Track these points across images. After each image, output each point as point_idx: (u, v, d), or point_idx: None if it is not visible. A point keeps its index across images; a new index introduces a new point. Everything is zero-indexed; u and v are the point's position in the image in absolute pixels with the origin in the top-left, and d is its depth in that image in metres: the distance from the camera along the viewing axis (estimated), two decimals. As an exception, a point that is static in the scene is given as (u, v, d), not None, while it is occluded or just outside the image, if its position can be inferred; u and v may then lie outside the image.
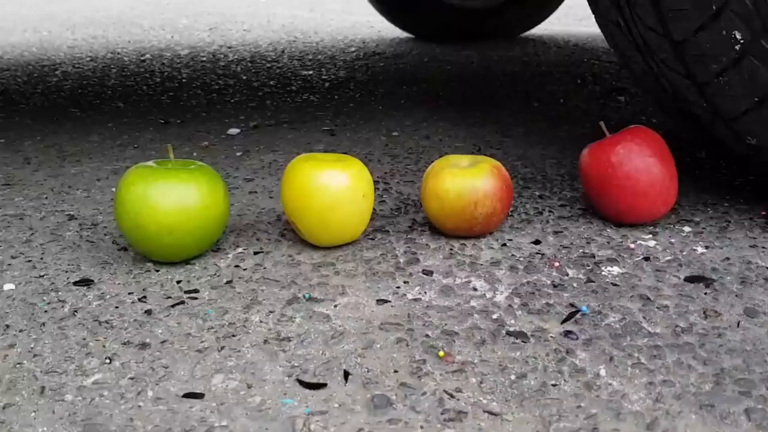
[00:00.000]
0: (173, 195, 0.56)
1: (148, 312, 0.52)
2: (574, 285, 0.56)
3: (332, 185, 0.59)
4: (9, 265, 0.60)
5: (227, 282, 0.57)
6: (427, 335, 0.49)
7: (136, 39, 1.99)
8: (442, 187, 0.62)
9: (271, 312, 0.52)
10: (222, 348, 0.48)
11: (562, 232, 0.66)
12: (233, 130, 1.04)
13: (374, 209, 0.72)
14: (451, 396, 0.43)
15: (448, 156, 0.65)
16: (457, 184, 0.61)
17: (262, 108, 1.18)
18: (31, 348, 0.48)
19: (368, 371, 0.45)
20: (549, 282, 0.57)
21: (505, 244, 0.64)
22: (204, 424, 0.40)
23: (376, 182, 0.80)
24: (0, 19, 2.42)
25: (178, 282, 0.57)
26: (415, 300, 0.54)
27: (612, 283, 0.56)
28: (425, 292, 0.55)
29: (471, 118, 1.10)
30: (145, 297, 0.55)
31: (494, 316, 0.51)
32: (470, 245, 0.63)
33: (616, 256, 0.61)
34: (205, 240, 0.59)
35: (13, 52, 1.75)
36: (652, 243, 0.63)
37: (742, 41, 0.56)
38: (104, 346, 0.48)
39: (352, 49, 1.79)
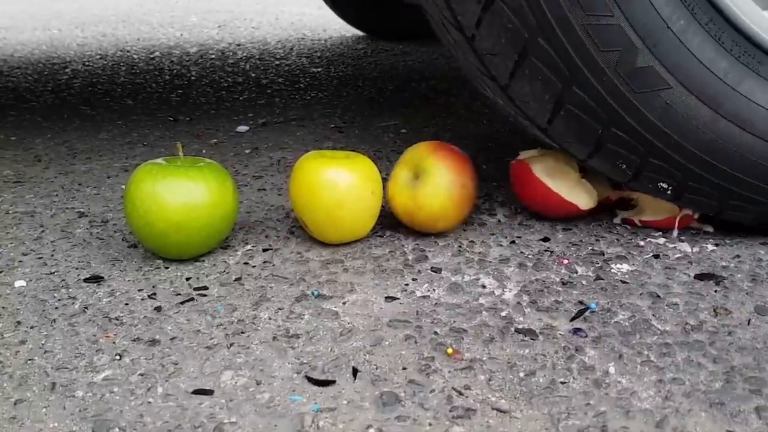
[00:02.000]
0: (182, 192, 0.56)
1: (158, 309, 0.53)
2: (583, 282, 0.56)
3: (340, 183, 0.59)
4: (20, 261, 0.61)
5: (236, 279, 0.57)
6: (435, 332, 0.49)
7: (145, 37, 2.00)
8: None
9: (279, 309, 0.52)
10: (231, 345, 0.48)
11: (571, 229, 0.66)
12: (242, 128, 1.04)
13: (383, 206, 0.72)
14: (460, 393, 0.43)
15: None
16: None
17: (271, 105, 1.18)
18: (42, 344, 0.48)
19: (377, 368, 0.45)
20: (558, 279, 0.56)
21: (513, 242, 0.63)
22: (213, 421, 0.40)
23: (384, 179, 0.80)
24: (10, 18, 2.44)
25: (188, 279, 0.57)
26: (424, 297, 0.54)
27: (621, 280, 0.56)
28: (434, 290, 0.55)
29: (480, 115, 1.10)
30: (154, 294, 0.55)
31: (503, 314, 0.51)
32: (479, 242, 0.63)
33: (626, 254, 0.61)
34: (213, 237, 0.59)
35: (23, 50, 1.76)
36: (661, 240, 0.63)
37: (670, 188, 0.59)
38: (114, 343, 0.48)
39: (361, 46, 1.79)
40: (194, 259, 0.60)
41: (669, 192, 0.60)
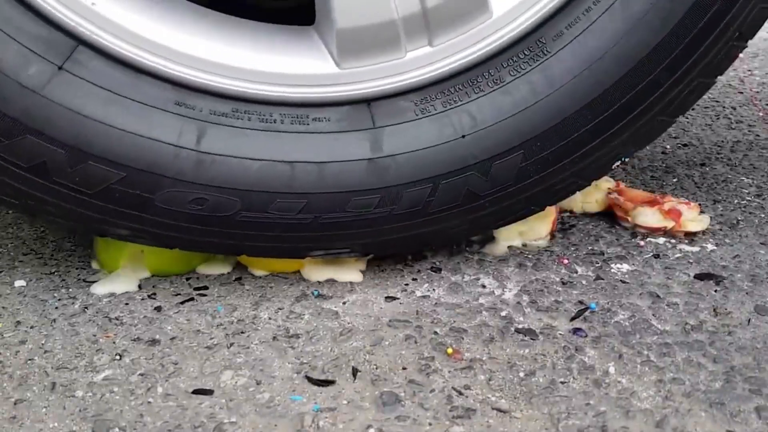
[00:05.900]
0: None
1: (158, 309, 0.53)
2: (583, 282, 0.56)
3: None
4: (21, 261, 0.61)
5: (236, 279, 0.57)
6: (435, 332, 0.49)
7: (146, 36, 1.99)
8: None
9: (279, 309, 0.52)
10: (231, 345, 0.48)
11: (570, 229, 0.66)
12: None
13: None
14: (460, 393, 0.43)
15: None
16: None
17: (271, 105, 1.18)
18: (42, 344, 0.48)
19: (377, 368, 0.45)
20: (558, 279, 0.56)
21: (513, 242, 0.63)
22: (213, 420, 0.40)
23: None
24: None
25: (188, 279, 0.57)
26: (424, 297, 0.54)
27: (621, 280, 0.56)
28: (434, 290, 0.55)
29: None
30: (154, 294, 0.55)
31: (503, 314, 0.51)
32: (478, 242, 0.63)
33: (626, 254, 0.60)
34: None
35: (23, 50, 1.76)
36: (661, 240, 0.63)
37: None
38: (114, 343, 0.48)
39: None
40: (194, 259, 0.60)
41: None
